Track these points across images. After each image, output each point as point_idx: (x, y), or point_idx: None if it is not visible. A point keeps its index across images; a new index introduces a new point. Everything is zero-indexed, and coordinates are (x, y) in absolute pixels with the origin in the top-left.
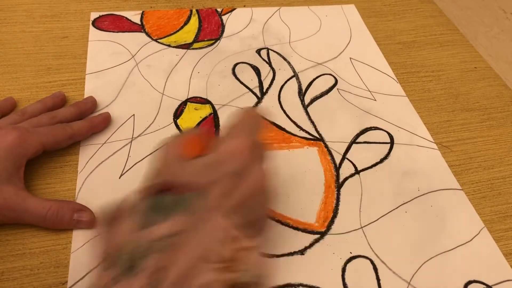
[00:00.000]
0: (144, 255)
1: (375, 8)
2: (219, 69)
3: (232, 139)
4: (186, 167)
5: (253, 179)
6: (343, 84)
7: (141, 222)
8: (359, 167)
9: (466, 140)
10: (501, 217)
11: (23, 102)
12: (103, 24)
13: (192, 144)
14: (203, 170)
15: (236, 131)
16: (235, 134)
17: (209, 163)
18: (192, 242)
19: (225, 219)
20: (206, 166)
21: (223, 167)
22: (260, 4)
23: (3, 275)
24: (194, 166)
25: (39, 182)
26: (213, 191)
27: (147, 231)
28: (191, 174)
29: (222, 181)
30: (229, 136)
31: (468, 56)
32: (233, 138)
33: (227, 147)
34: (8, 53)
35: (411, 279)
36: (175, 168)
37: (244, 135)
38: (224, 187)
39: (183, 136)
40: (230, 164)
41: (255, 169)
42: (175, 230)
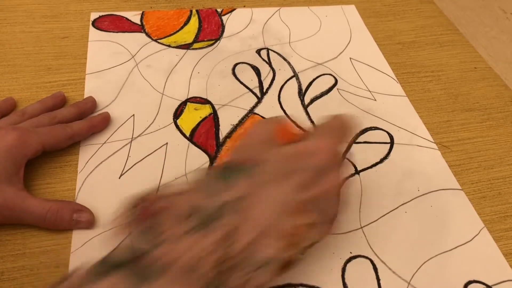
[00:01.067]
0: (216, 215)
1: (375, 8)
2: (219, 69)
3: (321, 137)
4: (271, 150)
5: (331, 181)
6: (343, 84)
7: (212, 189)
8: (359, 167)
9: (466, 140)
10: (501, 217)
11: (23, 102)
12: (103, 24)
13: (286, 130)
14: (287, 158)
15: (327, 131)
16: (325, 133)
17: (294, 152)
18: (260, 208)
19: (293, 191)
20: (291, 155)
21: (306, 161)
22: (260, 4)
23: (3, 275)
24: (279, 152)
25: (39, 182)
26: (293, 179)
27: (218, 195)
28: (274, 159)
29: (301, 173)
30: (319, 133)
31: (468, 56)
32: (323, 136)
33: (315, 143)
34: (8, 53)
35: (411, 279)
36: (261, 148)
37: (333, 137)
38: (302, 179)
39: (277, 121)
40: (314, 159)
41: (335, 173)
42: (244, 193)
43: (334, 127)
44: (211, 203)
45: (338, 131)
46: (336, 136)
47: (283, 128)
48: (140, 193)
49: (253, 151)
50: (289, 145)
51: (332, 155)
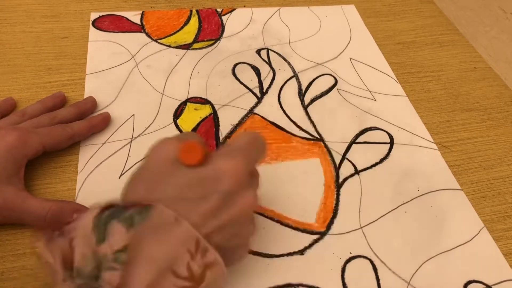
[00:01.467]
0: (106, 268)
1: (375, 8)
2: (219, 69)
3: (231, 158)
4: (178, 175)
5: (242, 204)
6: (343, 84)
7: (97, 236)
8: (359, 167)
9: (466, 140)
10: (500, 217)
11: (23, 102)
12: (103, 24)
13: (190, 153)
14: (194, 183)
15: (236, 151)
16: (235, 154)
17: (200, 176)
18: (148, 257)
19: (195, 228)
20: (197, 179)
21: (215, 185)
22: (260, 4)
23: (3, 275)
24: (184, 176)
25: (39, 182)
26: (199, 207)
27: (105, 244)
28: (181, 186)
29: (211, 199)
30: (227, 154)
31: (468, 56)
32: (230, 157)
33: (223, 165)
34: (8, 53)
35: (410, 279)
36: (163, 172)
37: (243, 157)
38: (212, 205)
39: (182, 142)
40: (223, 183)
41: (246, 195)
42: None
43: (240, 146)
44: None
45: (244, 150)
46: (242, 155)
47: (188, 151)
48: None
49: (153, 178)
50: (195, 169)
51: (239, 176)
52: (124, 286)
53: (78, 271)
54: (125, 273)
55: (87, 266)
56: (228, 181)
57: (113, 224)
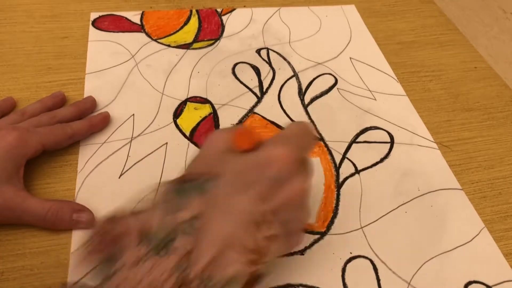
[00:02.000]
0: (169, 238)
1: (375, 8)
2: (219, 69)
3: (280, 145)
4: (229, 160)
5: (292, 190)
6: (343, 83)
7: (167, 207)
8: (359, 166)
9: (466, 140)
10: (501, 217)
11: (23, 102)
12: (103, 24)
13: (243, 137)
14: (244, 169)
15: (285, 139)
16: (284, 141)
17: (252, 162)
18: (217, 225)
19: (252, 203)
20: (248, 165)
21: (265, 170)
22: (260, 4)
23: (3, 275)
24: (237, 161)
25: (39, 182)
26: (248, 192)
27: (173, 215)
28: (231, 170)
29: (259, 184)
30: (278, 141)
31: (468, 56)
32: (281, 144)
33: (273, 152)
34: (8, 53)
35: (411, 279)
36: (217, 159)
37: (292, 145)
38: (260, 190)
39: (235, 129)
40: (273, 168)
41: (296, 181)
42: (198, 212)
43: (291, 134)
44: (163, 225)
45: (296, 138)
46: (293, 143)
47: (242, 136)
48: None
49: (209, 162)
50: (248, 154)
51: (290, 163)
52: (195, 250)
53: (153, 236)
54: (197, 238)
55: (162, 231)
56: (277, 166)
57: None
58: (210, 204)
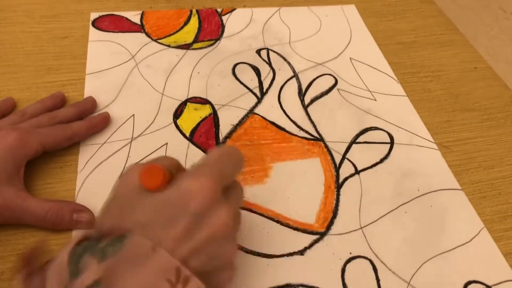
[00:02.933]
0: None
1: (375, 8)
2: (219, 69)
3: (196, 176)
4: (144, 201)
5: (215, 222)
6: (343, 84)
7: (70, 271)
8: (359, 167)
9: (466, 140)
10: (501, 217)
11: (23, 102)
12: (103, 24)
13: (152, 175)
14: (161, 207)
15: (203, 168)
16: (201, 171)
17: (168, 199)
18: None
19: (172, 255)
20: (165, 203)
21: (183, 207)
22: (260, 4)
23: (3, 275)
24: (152, 202)
25: (39, 182)
26: (170, 232)
27: (77, 280)
28: (149, 212)
29: (181, 222)
30: (195, 172)
31: (468, 56)
32: (198, 175)
33: (189, 184)
34: (8, 53)
35: (410, 279)
36: (128, 203)
37: (211, 173)
38: (182, 228)
39: (146, 165)
40: (191, 203)
41: (219, 213)
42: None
43: (210, 162)
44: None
45: (216, 165)
46: (209, 172)
47: (149, 173)
48: None
49: (121, 209)
50: (160, 193)
51: (206, 194)
52: None
53: None
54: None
55: None
56: (195, 201)
57: (86, 258)
58: (113, 268)
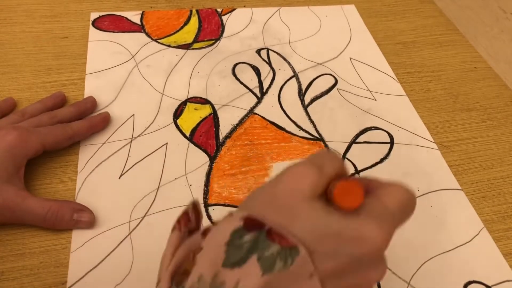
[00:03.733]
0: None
1: (375, 8)
2: (219, 69)
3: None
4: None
5: (372, 277)
6: (343, 84)
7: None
8: (359, 167)
9: (466, 140)
10: (501, 217)
11: (23, 102)
12: (103, 24)
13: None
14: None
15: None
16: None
17: (343, 231)
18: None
19: None
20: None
21: (353, 247)
22: (260, 4)
23: (3, 275)
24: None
25: (39, 182)
26: (328, 263)
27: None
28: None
29: (341, 259)
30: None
31: (468, 56)
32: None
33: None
34: (8, 53)
35: (410, 279)
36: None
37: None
38: (339, 266)
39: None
40: (362, 249)
41: (380, 269)
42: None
43: (394, 211)
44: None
45: (397, 217)
46: (393, 225)
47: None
48: None
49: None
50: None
51: (382, 248)
52: None
53: None
54: None
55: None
56: (368, 250)
57: (252, 259)
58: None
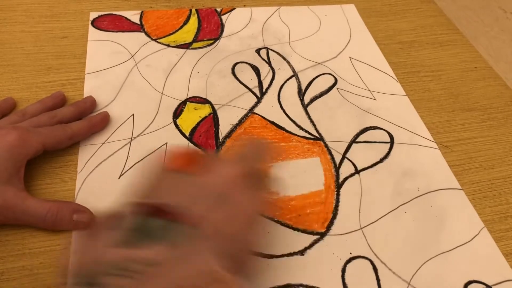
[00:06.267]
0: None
1: (375, 8)
2: (219, 69)
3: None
4: (178, 184)
5: (237, 205)
6: (342, 83)
7: (122, 239)
8: (359, 166)
9: (466, 140)
10: (501, 217)
11: (23, 102)
12: (103, 24)
13: (181, 157)
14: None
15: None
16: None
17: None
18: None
19: (214, 258)
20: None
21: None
22: (259, 4)
23: (3, 275)
24: (186, 184)
25: (39, 182)
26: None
27: (128, 250)
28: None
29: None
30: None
31: (468, 56)
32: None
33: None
34: (8, 53)
35: (411, 279)
36: (168, 184)
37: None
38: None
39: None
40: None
41: (240, 194)
42: (157, 259)
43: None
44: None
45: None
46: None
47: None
48: None
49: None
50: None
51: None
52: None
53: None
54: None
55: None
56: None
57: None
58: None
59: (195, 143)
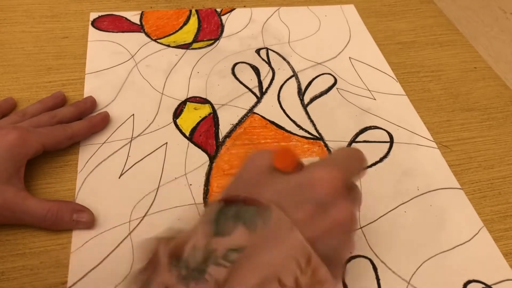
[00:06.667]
0: (214, 262)
1: (375, 8)
2: (219, 69)
3: (327, 167)
4: (275, 181)
5: (337, 214)
6: (342, 83)
7: (215, 229)
8: None
9: (466, 140)
10: (501, 216)
11: (23, 102)
12: (103, 24)
13: (285, 157)
14: (290, 189)
15: (332, 161)
16: (330, 163)
17: (298, 183)
18: (264, 258)
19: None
20: (294, 186)
21: (310, 193)
22: (259, 4)
23: (3, 275)
24: (283, 183)
25: (39, 182)
26: (298, 214)
27: (221, 239)
28: (278, 191)
29: (306, 207)
30: (325, 164)
31: (468, 56)
32: (327, 166)
33: (319, 173)
34: (8, 53)
35: (410, 279)
36: (263, 180)
37: (340, 168)
38: (307, 214)
39: (277, 148)
40: (318, 191)
41: (342, 206)
42: (239, 245)
43: (338, 158)
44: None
45: (343, 161)
46: (338, 167)
47: (283, 155)
48: None
49: (250, 184)
50: (291, 175)
51: (334, 185)
52: (229, 283)
53: (185, 262)
54: (232, 271)
55: (195, 258)
56: (322, 189)
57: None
58: (257, 239)
59: (195, 143)
